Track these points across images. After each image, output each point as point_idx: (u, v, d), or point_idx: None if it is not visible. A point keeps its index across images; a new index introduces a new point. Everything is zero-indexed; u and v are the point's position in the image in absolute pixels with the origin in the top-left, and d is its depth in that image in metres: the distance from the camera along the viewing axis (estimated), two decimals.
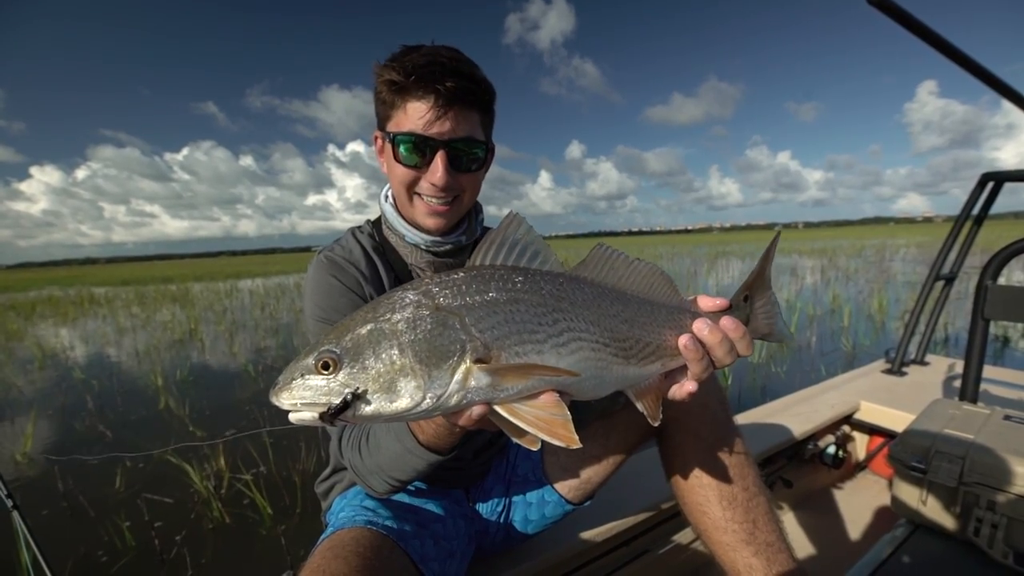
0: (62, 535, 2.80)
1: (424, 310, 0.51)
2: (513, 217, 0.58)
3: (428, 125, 0.87)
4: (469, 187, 0.98)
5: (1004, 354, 5.55)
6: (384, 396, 0.49)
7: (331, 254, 1.01)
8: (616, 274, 0.64)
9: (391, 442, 0.79)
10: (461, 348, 0.50)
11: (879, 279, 12.61)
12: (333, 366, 0.49)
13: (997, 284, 1.65)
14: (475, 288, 0.53)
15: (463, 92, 0.87)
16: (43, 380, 6.54)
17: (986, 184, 2.37)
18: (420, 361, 0.49)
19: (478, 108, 0.93)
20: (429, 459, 0.78)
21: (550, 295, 0.56)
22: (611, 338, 0.60)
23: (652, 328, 0.64)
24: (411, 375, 0.49)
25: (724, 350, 0.66)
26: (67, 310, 15.63)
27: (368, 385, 0.49)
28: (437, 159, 0.90)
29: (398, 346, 0.49)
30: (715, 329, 0.66)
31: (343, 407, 0.49)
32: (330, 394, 0.49)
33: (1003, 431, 1.31)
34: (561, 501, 1.11)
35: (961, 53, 1.15)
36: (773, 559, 0.96)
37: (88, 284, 35.08)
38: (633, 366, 0.63)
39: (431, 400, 0.50)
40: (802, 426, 1.93)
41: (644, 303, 0.65)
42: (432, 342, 0.50)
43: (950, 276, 2.56)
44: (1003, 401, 2.12)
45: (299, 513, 2.90)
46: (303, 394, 0.50)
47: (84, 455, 3.84)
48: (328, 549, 0.80)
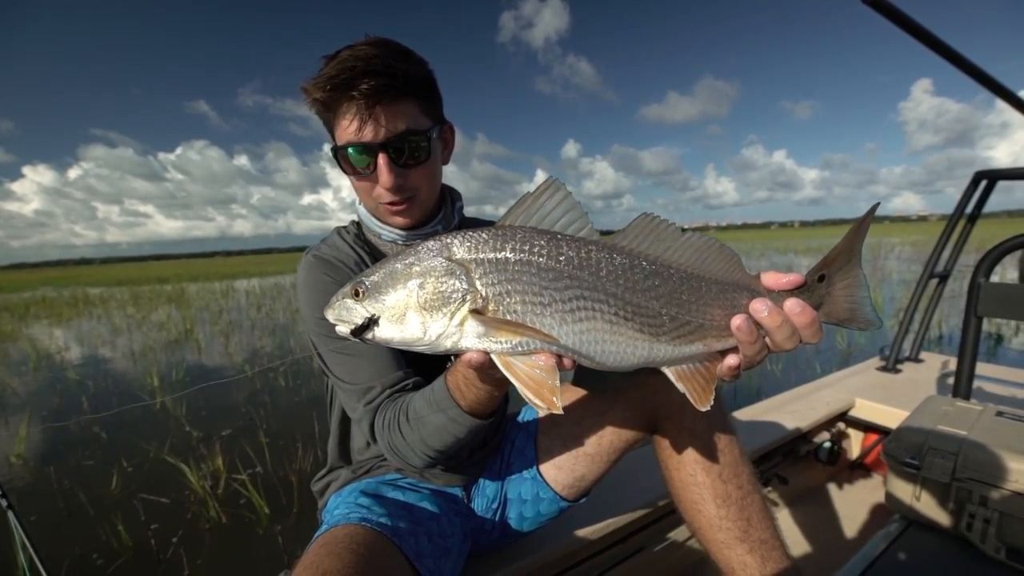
0: (58, 536, 2.79)
1: (439, 259, 0.57)
2: (552, 182, 0.58)
3: (359, 132, 0.87)
4: (424, 180, 0.96)
5: (997, 351, 5.59)
6: (395, 325, 0.58)
7: (319, 253, 1.02)
8: (661, 245, 0.61)
9: (434, 414, 0.82)
10: (461, 297, 0.56)
11: (874, 277, 12.66)
12: (362, 294, 0.60)
13: (990, 282, 1.66)
14: (491, 245, 0.57)
15: (382, 89, 0.84)
16: (38, 381, 6.52)
17: (979, 182, 2.38)
18: (424, 301, 0.57)
19: (411, 97, 0.90)
20: (471, 424, 0.81)
21: (568, 261, 0.57)
22: (635, 312, 0.58)
23: (694, 306, 0.61)
24: (415, 312, 0.57)
25: (784, 335, 0.61)
26: (62, 311, 15.55)
27: (383, 313, 0.59)
28: (380, 163, 0.89)
29: (410, 286, 0.58)
30: (775, 311, 0.60)
31: (364, 327, 0.59)
32: (356, 315, 0.60)
33: (995, 427, 1.32)
34: (556, 498, 1.11)
35: (954, 51, 1.15)
36: (767, 557, 0.96)
37: (83, 284, 34.91)
38: (664, 344, 0.60)
39: (431, 336, 0.57)
40: (797, 423, 1.94)
41: (688, 278, 0.61)
42: (437, 287, 0.57)
43: (944, 274, 2.58)
44: (996, 398, 2.13)
45: (296, 513, 2.90)
46: (339, 312, 0.61)
47: (77, 454, 3.84)
48: (322, 546, 0.80)
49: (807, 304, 0.61)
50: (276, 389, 5.35)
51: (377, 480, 1.10)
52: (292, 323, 10.06)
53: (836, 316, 0.64)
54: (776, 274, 0.64)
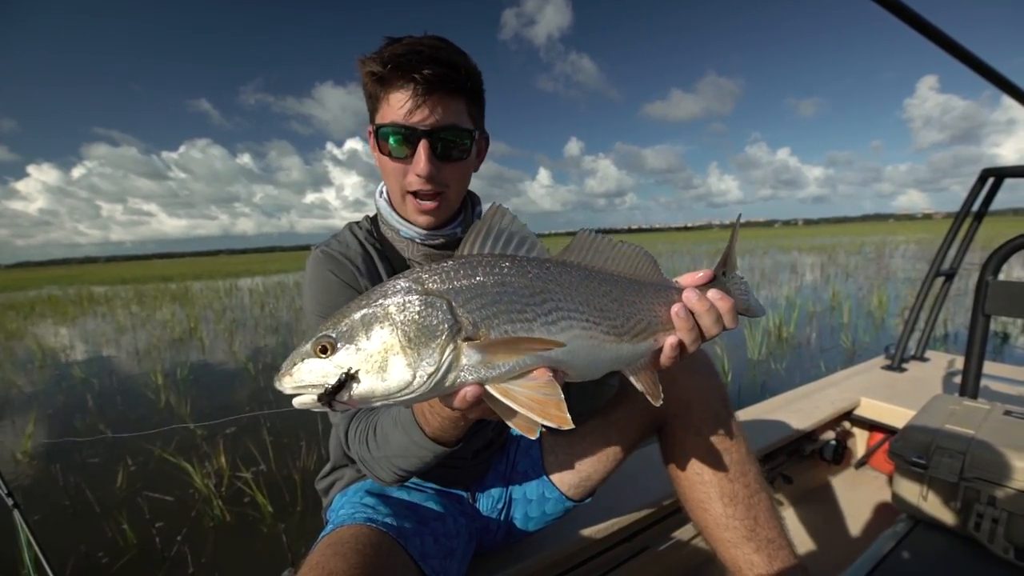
0: (63, 533, 2.80)
1: (413, 295, 0.52)
2: (497, 208, 0.59)
3: (409, 114, 0.87)
4: (455, 179, 0.96)
5: (1004, 350, 5.55)
6: (376, 376, 0.51)
7: (328, 249, 1.00)
8: (602, 257, 0.66)
9: (399, 435, 0.80)
10: (449, 328, 0.51)
11: (879, 276, 12.61)
12: (330, 349, 0.51)
13: (998, 280, 1.64)
14: (463, 273, 0.54)
15: (442, 79, 0.86)
16: (43, 379, 6.55)
17: (986, 180, 2.36)
18: (409, 341, 0.51)
19: (463, 96, 0.91)
20: (435, 450, 0.78)
21: (537, 278, 0.58)
22: (601, 317, 0.62)
23: (641, 305, 0.67)
24: (400, 355, 0.50)
25: (712, 319, 0.69)
26: (67, 309, 15.62)
27: (361, 365, 0.51)
28: (420, 149, 0.89)
29: (388, 328, 0.51)
30: (703, 298, 0.68)
31: (338, 387, 0.50)
32: (326, 376, 0.51)
33: (1003, 427, 1.31)
34: (562, 498, 1.11)
35: (960, 47, 1.14)
36: (774, 556, 0.96)
37: (87, 283, 35.06)
38: (626, 343, 0.65)
39: (421, 379, 0.51)
40: (802, 422, 1.93)
41: (631, 282, 0.67)
42: (420, 323, 0.51)
43: (950, 272, 2.56)
44: (1003, 397, 2.12)
45: (300, 511, 2.91)
46: (302, 377, 0.52)
47: (83, 453, 3.86)
48: (327, 546, 0.80)
49: (724, 292, 0.70)
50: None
51: None
52: (296, 321, 10.09)
53: (739, 307, 0.73)
54: (690, 274, 0.74)
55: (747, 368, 5.13)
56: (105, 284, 31.87)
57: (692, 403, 1.01)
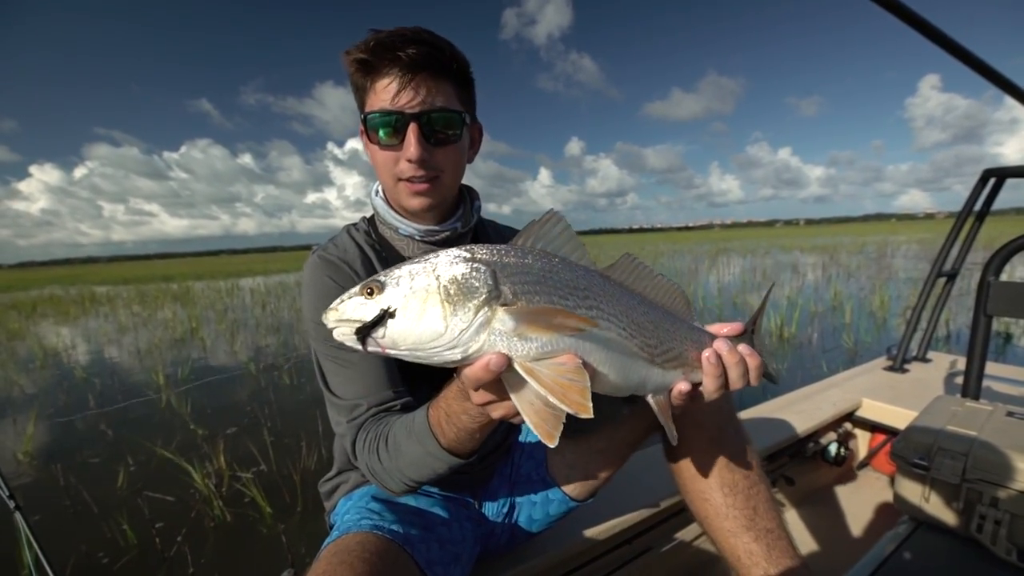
0: (64, 533, 2.80)
1: (461, 259, 0.55)
2: (552, 214, 0.61)
3: (395, 98, 0.85)
4: (448, 164, 0.94)
5: (1006, 351, 5.54)
6: (412, 320, 0.53)
7: (325, 254, 0.98)
8: (641, 282, 0.67)
9: (412, 445, 0.79)
10: (488, 292, 0.53)
11: (880, 276, 12.58)
12: (376, 291, 0.55)
13: (1000, 280, 1.64)
14: (513, 253, 0.57)
15: (427, 58, 0.85)
16: (45, 379, 6.55)
17: (988, 180, 2.35)
18: (448, 295, 0.53)
19: (451, 80, 0.90)
20: (450, 462, 0.77)
21: (582, 277, 0.59)
22: (637, 331, 0.63)
23: (675, 336, 0.67)
24: (438, 306, 0.53)
25: (738, 372, 0.69)
26: (68, 309, 15.64)
27: (399, 306, 0.54)
28: (409, 132, 0.87)
29: (432, 280, 0.54)
30: (734, 351, 0.69)
31: (375, 323, 0.54)
32: (367, 312, 0.55)
33: (1006, 428, 1.30)
34: (566, 499, 1.11)
35: (961, 47, 1.14)
36: (773, 545, 0.96)
37: (89, 283, 35.11)
38: (657, 367, 0.66)
39: (452, 332, 0.53)
40: (804, 424, 1.92)
41: (667, 313, 0.68)
42: (462, 281, 0.54)
43: (952, 273, 2.55)
44: (1005, 398, 2.11)
45: (300, 512, 2.90)
46: (345, 309, 0.56)
47: (84, 452, 3.86)
48: (334, 555, 0.78)
49: (754, 349, 0.71)
50: (280, 388, 5.37)
51: None
52: (297, 321, 10.09)
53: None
54: (721, 324, 0.74)
55: None
56: (107, 284, 31.92)
57: (694, 397, 1.01)
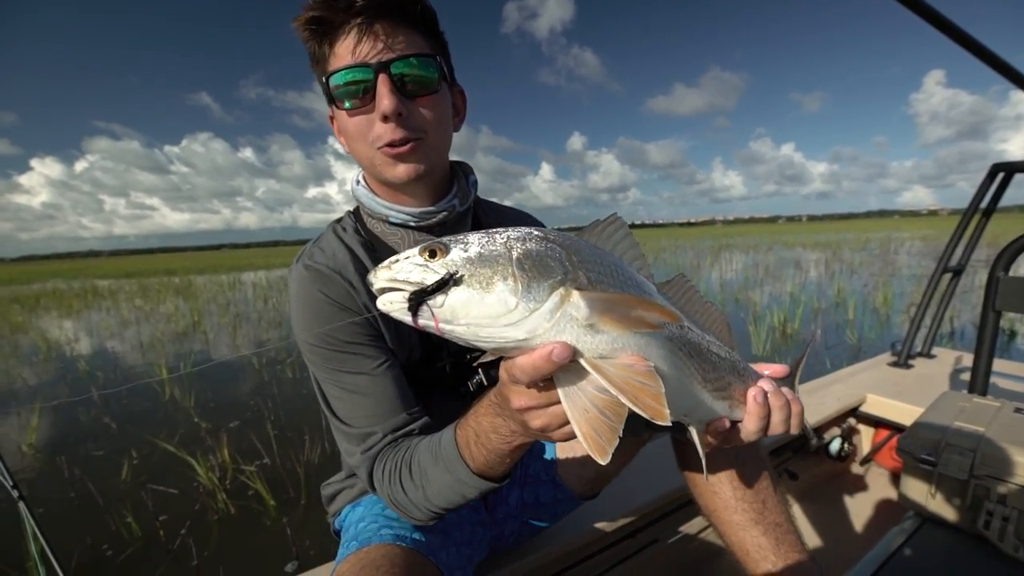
0: (69, 525, 2.82)
1: (535, 237, 0.49)
2: (616, 218, 0.56)
3: (356, 49, 0.74)
4: (432, 119, 0.81)
5: (1011, 347, 5.52)
6: (479, 289, 0.46)
7: (312, 263, 0.86)
8: (692, 306, 0.63)
9: (440, 472, 0.73)
10: (563, 273, 0.48)
11: (884, 272, 12.55)
12: (439, 253, 0.48)
13: (1009, 276, 1.63)
14: (584, 242, 0.52)
15: (384, 3, 0.74)
16: (48, 372, 6.59)
17: (996, 175, 2.33)
18: (523, 270, 0.47)
19: (418, 30, 0.79)
20: (481, 487, 0.72)
21: (646, 284, 0.55)
22: (694, 351, 0.58)
23: (724, 368, 0.63)
24: (511, 279, 0.46)
25: (782, 416, 0.65)
26: (71, 302, 15.69)
27: (467, 271, 0.47)
28: (379, 84, 0.75)
29: (506, 251, 0.47)
30: (779, 392, 0.65)
31: (435, 289, 0.46)
32: (427, 274, 0.47)
33: (1014, 424, 1.29)
34: (574, 498, 1.11)
35: (972, 39, 1.12)
36: (782, 539, 0.96)
37: (92, 277, 35.21)
38: (708, 392, 0.61)
39: (522, 310, 0.46)
40: (808, 419, 1.92)
41: (718, 342, 0.64)
42: (539, 258, 0.48)
43: (958, 268, 2.54)
44: (1012, 394, 2.10)
45: (304, 505, 2.92)
46: (401, 269, 0.48)
47: (88, 445, 3.88)
48: (360, 569, 0.76)
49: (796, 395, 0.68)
50: (283, 381, 5.38)
51: None
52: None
53: None
54: (764, 364, 0.70)
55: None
56: (109, 278, 32.01)
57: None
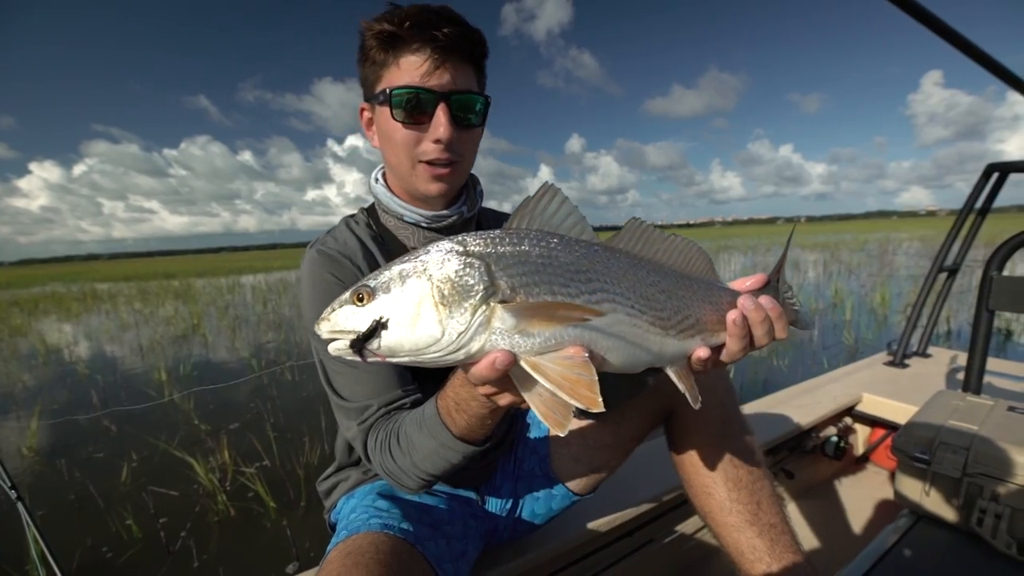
0: (69, 527, 2.82)
1: (454, 254, 0.52)
2: (547, 188, 0.57)
3: (426, 77, 0.82)
4: (469, 147, 0.92)
5: (1007, 347, 5.54)
6: (407, 327, 0.50)
7: (324, 248, 0.94)
8: (652, 247, 0.63)
9: (424, 438, 0.77)
10: (485, 288, 0.50)
11: (882, 273, 12.57)
12: (367, 298, 0.52)
13: (1003, 275, 1.64)
14: (508, 241, 0.53)
15: (460, 40, 0.83)
16: (47, 375, 6.58)
17: (991, 175, 2.35)
18: (443, 297, 0.50)
19: (473, 63, 0.89)
20: (464, 451, 0.76)
21: (584, 257, 0.56)
22: (647, 306, 0.59)
23: (691, 301, 0.63)
24: (433, 310, 0.50)
25: (764, 329, 0.66)
26: (70, 306, 15.68)
27: (393, 315, 0.51)
28: (439, 112, 0.84)
29: (424, 282, 0.51)
30: (759, 306, 0.65)
31: (369, 335, 0.51)
32: (360, 322, 0.52)
33: (1007, 422, 1.30)
34: (568, 494, 1.11)
35: (966, 40, 1.13)
36: (776, 540, 0.96)
37: (91, 280, 35.15)
38: (672, 338, 0.62)
39: (450, 337, 0.50)
40: (804, 418, 1.93)
41: (682, 276, 0.64)
42: (456, 281, 0.50)
43: (953, 268, 2.55)
44: (1006, 393, 2.12)
45: (304, 506, 2.92)
46: (338, 321, 0.53)
47: (88, 447, 3.88)
48: (346, 555, 0.77)
49: (776, 301, 0.67)
50: (283, 383, 5.38)
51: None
52: (297, 318, 10.10)
53: (789, 317, 0.70)
54: (741, 280, 0.70)
55: (749, 363, 5.13)
56: (108, 281, 31.96)
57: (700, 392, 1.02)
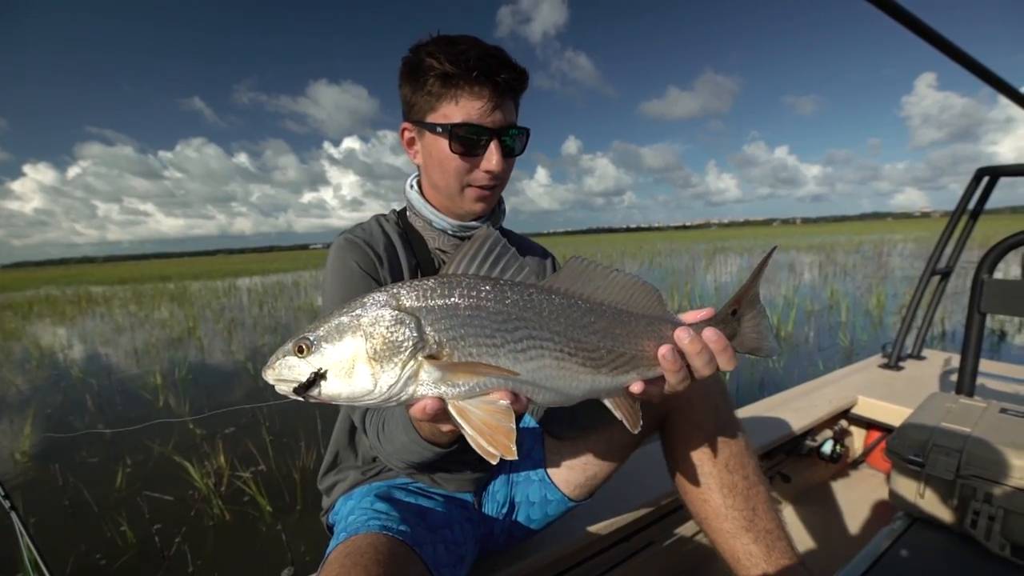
0: (63, 533, 2.80)
1: (387, 309, 0.56)
2: (486, 231, 0.62)
3: (484, 116, 0.93)
4: (508, 173, 1.05)
5: (1000, 348, 5.57)
6: (342, 379, 0.56)
7: (351, 236, 1.04)
8: (592, 285, 0.66)
9: (400, 433, 0.83)
10: (414, 345, 0.55)
11: (877, 274, 12.64)
12: (306, 350, 0.57)
13: (994, 278, 1.65)
14: (439, 293, 0.57)
15: (514, 84, 0.95)
16: (41, 379, 6.53)
17: (981, 179, 2.37)
18: (375, 352, 0.55)
19: (517, 101, 1.01)
20: (433, 450, 0.81)
21: (514, 304, 0.59)
22: (578, 348, 0.63)
23: (627, 339, 0.66)
24: (366, 364, 0.55)
25: (703, 361, 0.67)
26: (65, 309, 15.58)
27: (330, 368, 0.56)
28: (492, 147, 0.96)
29: (359, 338, 0.56)
30: (696, 339, 0.67)
31: (309, 384, 0.56)
32: (300, 373, 0.57)
33: (1000, 424, 1.31)
34: (564, 499, 1.11)
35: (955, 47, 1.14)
36: (773, 546, 0.97)
37: (86, 283, 34.94)
38: (604, 375, 0.65)
39: (381, 388, 0.55)
40: (800, 421, 1.94)
41: (620, 313, 0.66)
42: (387, 337, 0.55)
43: (946, 271, 2.57)
44: (999, 395, 2.13)
45: (300, 510, 2.91)
46: (281, 371, 0.58)
47: (82, 452, 3.85)
48: (345, 556, 0.78)
49: (722, 333, 0.68)
50: None
51: (388, 484, 1.09)
52: (295, 321, 10.07)
53: (747, 346, 0.72)
54: (694, 312, 0.72)
55: (745, 367, 5.14)
56: (103, 284, 31.78)
57: (693, 398, 1.02)
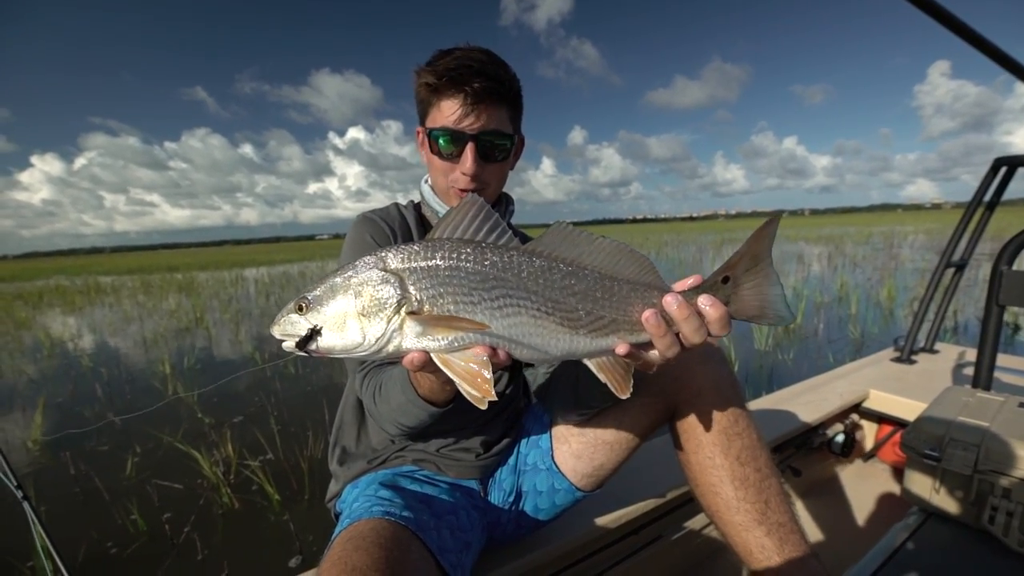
0: (73, 521, 2.84)
1: (375, 270, 0.63)
2: (468, 200, 0.66)
3: (459, 120, 0.99)
4: (495, 178, 1.08)
5: (1014, 342, 5.51)
6: (336, 333, 0.63)
7: (370, 214, 1.13)
8: (575, 250, 0.68)
9: (397, 393, 0.88)
10: (396, 302, 0.62)
11: (887, 266, 12.50)
12: (305, 308, 0.64)
13: (1012, 270, 1.62)
14: (422, 255, 0.63)
15: (489, 91, 0.98)
16: (51, 368, 6.61)
17: (999, 169, 2.32)
18: (363, 309, 0.62)
19: (505, 104, 1.03)
20: (429, 410, 0.85)
21: (493, 265, 0.64)
22: (555, 308, 0.65)
23: (607, 302, 0.67)
24: (355, 319, 0.62)
25: (692, 327, 0.67)
26: (74, 299, 15.74)
27: (325, 323, 0.63)
28: (467, 150, 1.01)
29: (349, 297, 0.63)
30: (684, 305, 0.66)
31: (308, 338, 0.63)
32: (300, 328, 0.64)
33: (1019, 419, 1.29)
34: (572, 489, 1.10)
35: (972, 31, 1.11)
36: (785, 539, 0.95)
37: (94, 273, 35.28)
38: (583, 336, 0.67)
39: (370, 341, 0.62)
40: (811, 414, 1.92)
41: (602, 278, 0.68)
42: (374, 295, 0.62)
43: (961, 263, 2.53)
44: (1015, 389, 2.10)
45: (308, 499, 2.93)
46: (284, 327, 0.65)
47: (92, 441, 3.89)
48: (348, 540, 0.78)
49: (713, 297, 0.67)
50: (286, 376, 5.40)
51: (394, 472, 1.09)
52: None
53: (745, 313, 0.70)
54: (684, 280, 0.70)
55: (754, 359, 5.11)
56: (112, 274, 32.07)
57: (704, 390, 1.01)
